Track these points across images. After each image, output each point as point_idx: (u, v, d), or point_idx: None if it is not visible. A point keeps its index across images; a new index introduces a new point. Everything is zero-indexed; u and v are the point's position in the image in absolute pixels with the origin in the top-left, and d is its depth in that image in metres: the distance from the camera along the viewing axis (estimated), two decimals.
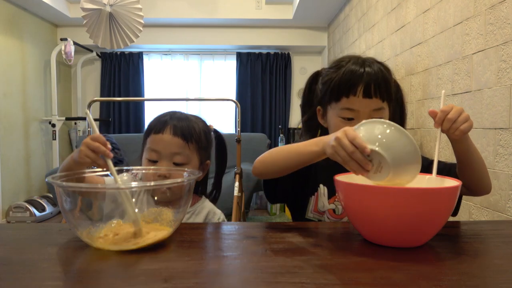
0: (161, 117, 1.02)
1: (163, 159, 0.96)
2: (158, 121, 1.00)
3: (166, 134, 0.97)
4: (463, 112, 0.78)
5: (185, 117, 1.03)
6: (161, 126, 0.98)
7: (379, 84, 0.90)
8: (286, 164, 0.84)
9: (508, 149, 1.43)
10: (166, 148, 0.96)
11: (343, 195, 0.72)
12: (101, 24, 2.88)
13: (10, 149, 3.75)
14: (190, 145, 0.98)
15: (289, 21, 4.42)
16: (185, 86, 4.97)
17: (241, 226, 0.85)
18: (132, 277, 0.55)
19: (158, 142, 0.97)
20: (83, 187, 0.72)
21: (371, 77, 0.89)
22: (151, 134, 0.99)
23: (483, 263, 0.63)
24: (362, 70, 0.90)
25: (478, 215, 1.61)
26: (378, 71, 0.91)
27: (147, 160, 0.98)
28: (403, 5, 2.39)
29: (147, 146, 0.99)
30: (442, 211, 0.67)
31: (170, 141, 0.96)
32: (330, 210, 0.96)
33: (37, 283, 0.54)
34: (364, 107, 0.91)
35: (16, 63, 3.87)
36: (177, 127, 0.98)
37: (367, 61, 0.93)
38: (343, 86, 0.91)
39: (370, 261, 0.61)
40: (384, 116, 0.93)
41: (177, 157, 0.97)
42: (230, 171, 3.71)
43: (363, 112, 0.91)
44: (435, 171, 0.77)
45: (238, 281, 0.54)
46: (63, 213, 0.68)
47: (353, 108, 0.91)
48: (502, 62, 1.45)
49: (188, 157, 0.99)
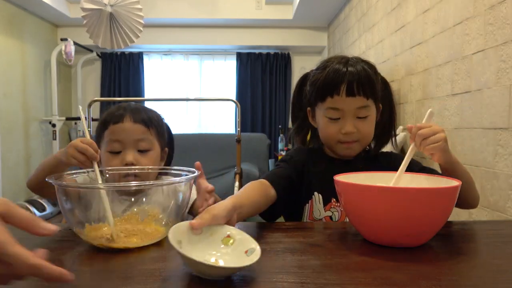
0: (115, 110, 1.01)
1: (127, 147, 0.95)
2: (113, 113, 0.99)
3: (127, 122, 0.96)
4: (440, 132, 0.78)
5: (140, 106, 1.04)
6: (119, 116, 0.97)
7: (362, 82, 0.91)
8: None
9: (507, 149, 1.43)
10: (128, 136, 0.95)
11: (343, 195, 0.72)
12: (101, 24, 2.88)
13: (10, 149, 3.75)
14: (151, 130, 0.99)
15: (289, 21, 4.42)
16: (185, 86, 4.98)
17: (241, 226, 0.84)
18: (131, 277, 0.55)
19: (120, 131, 0.96)
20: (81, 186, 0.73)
21: (353, 76, 0.91)
22: (110, 126, 0.97)
23: (483, 263, 0.63)
24: (345, 69, 0.92)
25: (478, 215, 1.61)
26: (361, 69, 0.92)
27: (109, 153, 0.96)
28: (403, 5, 2.39)
29: (107, 139, 0.97)
30: (442, 210, 0.67)
31: (131, 128, 0.96)
32: (327, 217, 0.96)
33: (37, 283, 0.54)
34: (348, 106, 0.92)
35: (16, 63, 3.87)
36: (136, 115, 0.98)
37: (351, 61, 0.95)
38: (327, 86, 0.92)
39: (370, 261, 0.61)
40: (370, 113, 0.94)
41: (141, 143, 0.97)
42: (230, 171, 3.72)
43: (347, 110, 0.92)
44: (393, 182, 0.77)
45: (238, 281, 0.54)
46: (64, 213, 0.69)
47: (338, 107, 0.93)
48: (502, 62, 1.46)
49: (151, 143, 0.99)
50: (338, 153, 0.99)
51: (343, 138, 0.94)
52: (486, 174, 1.56)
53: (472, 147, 1.65)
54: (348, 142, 0.95)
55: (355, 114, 0.92)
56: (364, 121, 0.94)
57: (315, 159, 1.02)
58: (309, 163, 1.01)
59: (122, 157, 0.95)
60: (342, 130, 0.93)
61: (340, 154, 0.99)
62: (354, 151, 0.97)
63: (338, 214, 0.96)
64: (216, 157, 3.77)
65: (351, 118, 0.93)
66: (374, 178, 0.81)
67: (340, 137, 0.94)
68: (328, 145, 1.00)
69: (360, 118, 0.93)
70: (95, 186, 0.77)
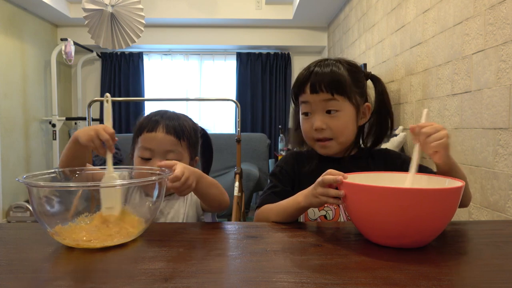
0: (152, 116, 1.04)
1: (156, 156, 0.99)
2: (149, 120, 1.02)
3: (159, 132, 0.99)
4: (442, 130, 0.79)
5: (175, 115, 1.06)
6: (154, 124, 1.00)
7: (325, 80, 0.95)
8: (279, 221, 0.89)
9: (507, 149, 1.43)
10: (159, 146, 0.99)
11: (346, 196, 0.72)
12: (102, 24, 2.88)
13: (10, 149, 3.75)
14: (182, 142, 1.02)
15: (289, 21, 4.42)
16: (185, 86, 4.98)
17: (241, 226, 0.85)
18: (132, 277, 0.55)
19: (152, 140, 0.99)
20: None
21: (317, 76, 0.96)
22: (144, 133, 1.01)
23: (483, 263, 0.63)
24: (312, 69, 0.97)
25: (478, 215, 1.61)
26: (329, 70, 0.96)
27: (140, 159, 1.00)
28: (403, 5, 2.39)
29: (140, 145, 1.01)
30: (445, 211, 0.67)
31: (163, 139, 0.99)
32: (321, 217, 0.97)
33: (37, 283, 0.54)
34: (314, 100, 0.96)
35: (16, 63, 3.87)
36: (169, 125, 1.01)
37: (327, 61, 0.99)
38: (299, 82, 0.98)
39: (370, 261, 0.61)
40: (341, 109, 0.96)
41: (170, 154, 1.00)
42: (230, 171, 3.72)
43: (314, 103, 0.96)
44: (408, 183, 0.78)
45: (238, 280, 0.54)
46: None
47: (308, 100, 0.97)
48: (502, 62, 1.46)
49: (180, 154, 1.02)
50: (318, 152, 1.01)
51: (315, 135, 0.98)
52: (486, 174, 1.56)
53: (472, 147, 1.65)
54: (322, 140, 0.98)
55: (324, 108, 0.96)
56: (334, 117, 0.96)
57: (306, 160, 1.04)
58: (300, 166, 1.03)
59: (151, 166, 0.97)
60: (313, 126, 0.96)
61: (320, 153, 1.01)
62: (330, 149, 0.99)
63: (332, 213, 0.97)
64: (216, 157, 3.74)
65: (320, 112, 0.96)
66: (380, 179, 0.81)
67: (313, 134, 0.98)
68: (309, 145, 1.03)
69: (330, 114, 0.96)
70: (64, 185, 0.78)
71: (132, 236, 0.72)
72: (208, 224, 0.86)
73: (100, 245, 0.67)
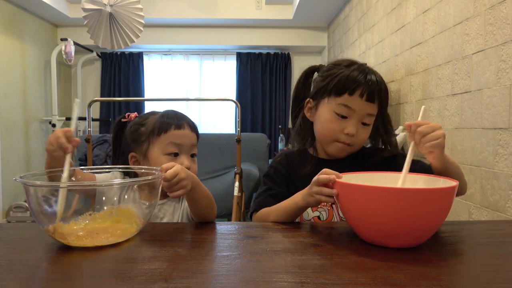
0: (174, 114, 1.10)
1: (184, 152, 1.07)
2: (174, 118, 1.09)
3: (187, 130, 1.08)
4: (438, 129, 0.77)
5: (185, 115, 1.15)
6: (180, 122, 1.08)
7: (382, 92, 0.95)
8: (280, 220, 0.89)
9: (507, 149, 1.43)
10: (187, 142, 1.07)
11: (340, 196, 0.72)
12: (101, 24, 2.89)
13: (10, 149, 3.75)
14: (198, 138, 1.12)
15: (289, 21, 4.42)
16: (185, 86, 4.98)
17: (241, 226, 0.85)
18: (132, 277, 0.55)
19: (181, 136, 1.06)
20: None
21: (376, 84, 0.95)
22: (172, 130, 1.06)
23: (483, 263, 0.63)
24: (369, 76, 0.95)
25: (478, 215, 1.61)
26: (381, 81, 0.97)
27: (167, 155, 1.04)
28: (403, 5, 2.39)
29: (166, 141, 1.05)
30: (439, 211, 0.67)
31: (189, 135, 1.08)
32: (315, 217, 0.97)
33: (37, 283, 0.54)
34: (361, 109, 0.94)
35: (16, 63, 3.87)
36: (190, 124, 1.10)
37: (371, 71, 0.98)
38: (350, 83, 0.94)
39: (370, 261, 0.62)
40: (372, 122, 0.98)
41: (194, 149, 1.10)
42: (230, 171, 3.72)
43: (358, 113, 0.94)
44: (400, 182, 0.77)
45: (238, 281, 0.54)
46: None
47: (352, 107, 0.94)
48: (502, 62, 1.46)
49: (197, 149, 1.12)
50: (330, 151, 1.00)
51: (342, 138, 0.95)
52: (486, 174, 1.56)
53: (472, 147, 1.65)
54: (345, 143, 0.96)
55: (361, 119, 0.95)
56: (365, 128, 0.97)
57: (300, 161, 1.03)
58: (294, 167, 1.02)
59: (180, 161, 1.03)
60: (345, 130, 0.94)
61: (330, 152, 1.00)
62: (345, 153, 0.99)
63: (326, 214, 0.96)
64: (216, 157, 3.77)
65: (358, 120, 0.95)
66: (374, 179, 0.81)
67: (340, 136, 0.96)
68: (323, 141, 1.00)
69: (363, 125, 0.96)
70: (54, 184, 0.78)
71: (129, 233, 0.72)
72: (208, 224, 0.86)
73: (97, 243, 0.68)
